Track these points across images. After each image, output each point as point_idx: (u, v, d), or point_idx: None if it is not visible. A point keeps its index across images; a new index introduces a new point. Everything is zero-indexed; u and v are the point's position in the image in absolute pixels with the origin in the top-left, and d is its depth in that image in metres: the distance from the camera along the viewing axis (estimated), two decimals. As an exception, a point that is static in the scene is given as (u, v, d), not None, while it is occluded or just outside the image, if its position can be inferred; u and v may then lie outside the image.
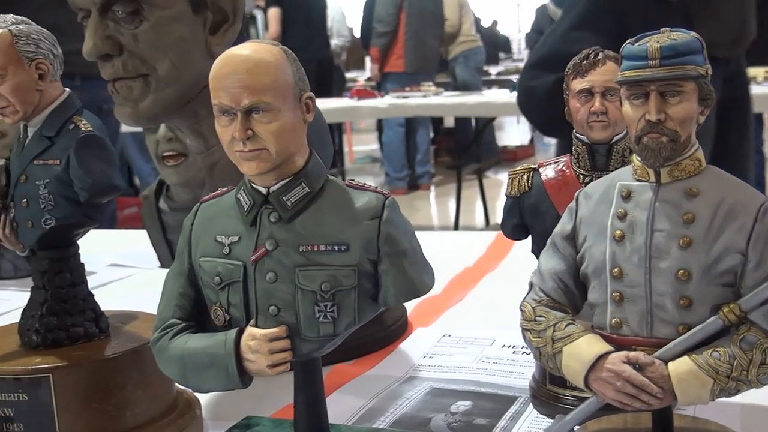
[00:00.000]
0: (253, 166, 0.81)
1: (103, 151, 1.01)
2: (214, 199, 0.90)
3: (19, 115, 1.01)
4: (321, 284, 0.81)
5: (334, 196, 0.84)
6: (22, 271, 1.94)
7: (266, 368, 0.82)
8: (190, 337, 0.86)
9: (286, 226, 0.83)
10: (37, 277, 1.06)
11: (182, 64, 1.20)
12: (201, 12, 1.21)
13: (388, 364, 1.29)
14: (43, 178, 1.01)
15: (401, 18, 7.26)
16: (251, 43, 0.82)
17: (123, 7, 1.16)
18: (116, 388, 1.00)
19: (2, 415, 0.99)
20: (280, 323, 0.83)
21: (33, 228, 1.02)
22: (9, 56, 0.99)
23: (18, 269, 1.94)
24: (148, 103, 1.21)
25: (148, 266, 1.99)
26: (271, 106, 0.80)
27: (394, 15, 7.20)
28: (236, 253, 0.85)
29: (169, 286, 0.89)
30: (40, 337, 1.03)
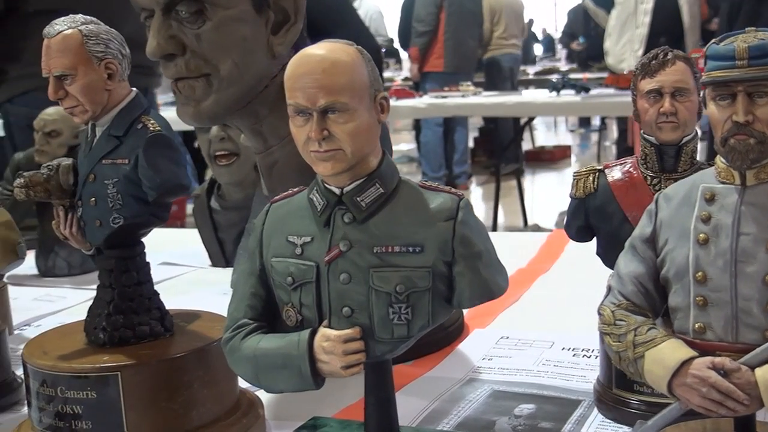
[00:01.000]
0: (328, 166, 0.81)
1: (171, 150, 1.01)
2: (286, 200, 0.90)
3: (88, 114, 1.02)
4: (396, 286, 0.81)
5: (407, 197, 0.84)
6: (75, 269, 1.96)
7: (340, 369, 0.82)
8: (262, 337, 0.86)
9: (360, 227, 0.83)
10: (103, 275, 1.06)
11: (244, 63, 1.20)
12: (263, 12, 1.21)
13: (448, 366, 1.28)
14: (111, 177, 1.01)
15: (441, 18, 7.24)
16: (327, 42, 0.82)
17: (186, 7, 1.16)
18: (183, 387, 1.01)
19: (70, 413, 1.00)
20: (354, 324, 0.82)
21: (101, 227, 1.02)
22: (79, 56, 1.00)
23: (71, 267, 1.96)
24: (210, 103, 1.21)
25: (200, 265, 2.00)
26: (347, 106, 0.79)
27: (434, 15, 7.18)
28: (309, 254, 0.84)
29: (240, 286, 0.89)
30: (107, 335, 1.04)
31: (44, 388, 1.01)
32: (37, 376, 1.02)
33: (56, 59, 0.99)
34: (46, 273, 1.96)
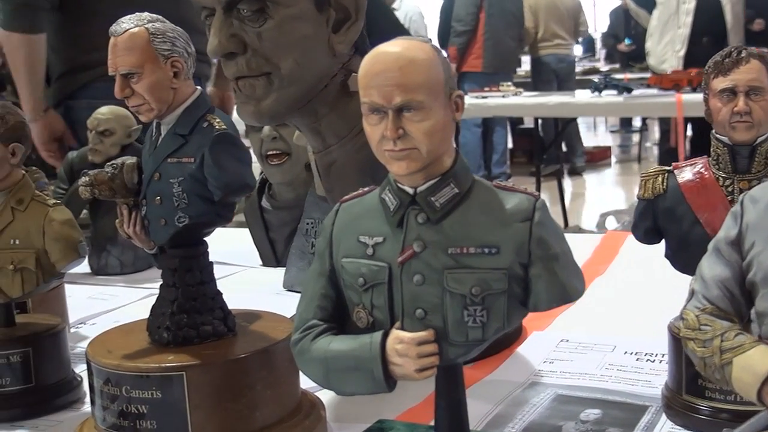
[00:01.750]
0: (403, 165, 0.79)
1: (237, 149, 1.00)
2: (356, 199, 0.88)
3: (154, 113, 1.01)
4: (471, 288, 0.79)
5: (482, 197, 0.82)
6: (127, 267, 1.97)
7: (413, 373, 0.80)
8: (332, 338, 0.85)
9: (435, 228, 0.81)
10: (167, 274, 1.06)
11: (305, 62, 1.19)
12: (324, 10, 1.20)
13: (508, 369, 1.26)
14: (177, 176, 1.01)
15: (480, 18, 7.21)
16: (402, 40, 0.80)
17: (248, 5, 1.16)
18: (247, 387, 1.00)
19: (135, 412, 0.99)
20: (427, 327, 0.81)
21: (166, 226, 1.02)
22: (146, 54, 0.99)
23: (124, 265, 1.96)
24: (271, 102, 1.20)
25: (251, 264, 2.00)
26: (423, 104, 0.78)
27: (473, 14, 7.16)
28: (381, 255, 0.83)
29: (310, 286, 0.88)
30: (171, 334, 1.03)
31: (108, 387, 1.01)
32: (102, 375, 1.01)
33: (123, 57, 0.99)
34: (99, 271, 1.97)
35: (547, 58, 8.05)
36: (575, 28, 8.31)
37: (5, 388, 1.19)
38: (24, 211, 1.19)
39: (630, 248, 1.95)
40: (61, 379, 1.23)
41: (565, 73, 8.07)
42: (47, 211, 1.19)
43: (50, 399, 1.21)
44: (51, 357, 1.22)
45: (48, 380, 1.21)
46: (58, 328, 1.24)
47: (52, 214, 1.19)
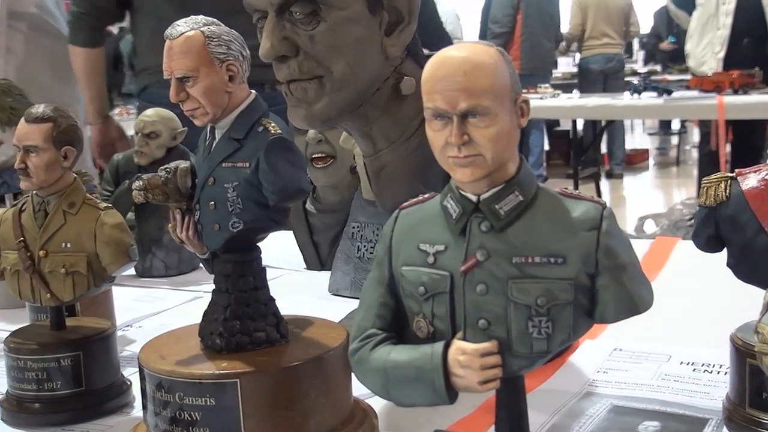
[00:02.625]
0: (467, 172, 0.78)
1: (292, 154, 0.99)
2: (416, 206, 0.87)
3: (209, 117, 1.01)
4: (536, 298, 0.77)
5: (547, 205, 0.80)
6: (172, 270, 1.97)
7: (476, 384, 0.78)
8: (392, 348, 0.83)
9: (498, 236, 0.79)
10: (219, 280, 1.05)
11: (358, 65, 1.18)
12: (377, 13, 1.18)
13: (561, 378, 1.24)
14: (231, 181, 1.00)
15: (518, 19, 7.17)
16: (467, 43, 0.78)
17: (301, 8, 1.15)
18: (301, 395, 0.99)
19: (188, 419, 0.98)
20: (490, 337, 0.79)
21: (220, 231, 1.01)
22: (201, 58, 0.98)
23: (168, 268, 1.97)
24: (323, 105, 1.19)
25: (294, 268, 1.99)
26: (489, 110, 0.76)
27: (510, 16, 7.13)
28: (442, 263, 0.81)
29: (368, 294, 0.87)
30: (224, 340, 1.02)
31: (161, 393, 1.00)
32: (154, 381, 1.01)
33: (178, 61, 0.98)
34: (144, 273, 1.97)
35: (595, 58, 7.91)
36: (626, 27, 8.18)
37: (56, 391, 1.19)
38: (75, 215, 1.19)
39: (681, 254, 1.92)
40: (110, 383, 1.23)
41: (613, 74, 7.92)
42: (99, 214, 1.19)
43: (100, 403, 1.21)
44: (101, 361, 1.22)
45: (98, 384, 1.21)
46: (108, 332, 1.24)
47: (104, 218, 1.19)
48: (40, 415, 1.19)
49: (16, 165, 1.18)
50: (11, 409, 1.21)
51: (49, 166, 1.17)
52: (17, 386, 1.20)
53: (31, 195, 1.22)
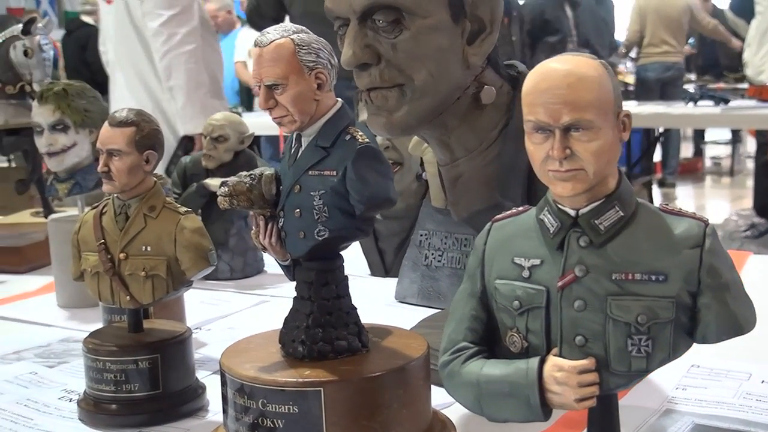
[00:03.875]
0: (568, 187, 0.77)
1: (379, 163, 0.99)
2: (509, 219, 0.86)
3: (297, 124, 1.00)
4: (637, 316, 0.76)
5: (648, 221, 0.79)
6: (237, 273, 1.98)
7: (573, 402, 0.77)
8: (484, 362, 0.82)
9: (597, 252, 0.78)
10: (302, 287, 1.05)
11: (439, 74, 1.17)
12: (460, 21, 1.18)
13: (639, 395, 1.22)
14: (318, 189, 0.99)
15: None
16: (570, 56, 0.78)
17: (384, 16, 1.14)
18: (384, 405, 0.98)
19: (270, 426, 0.98)
20: (587, 354, 0.78)
21: (305, 239, 1.01)
22: (291, 65, 0.98)
23: (233, 271, 1.98)
24: (403, 114, 1.18)
25: (359, 274, 1.99)
26: (593, 123, 0.75)
27: None
28: (538, 278, 0.80)
29: (460, 307, 0.86)
30: (306, 348, 1.02)
31: (243, 399, 1.00)
32: (235, 386, 1.01)
33: (268, 68, 0.98)
34: (209, 276, 1.97)
35: (652, 66, 7.74)
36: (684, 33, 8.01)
37: (133, 393, 1.20)
38: (156, 219, 1.20)
39: (753, 269, 1.88)
40: (186, 386, 1.24)
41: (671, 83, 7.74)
42: (179, 218, 1.20)
43: (176, 406, 1.21)
44: (178, 364, 1.22)
45: (174, 387, 1.22)
46: (185, 335, 1.24)
47: (184, 222, 1.20)
48: (117, 416, 1.20)
49: (99, 168, 1.19)
50: (89, 409, 1.22)
51: (132, 169, 1.18)
52: (95, 387, 1.21)
53: (111, 198, 1.24)
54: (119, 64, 3.77)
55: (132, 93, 3.73)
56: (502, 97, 1.24)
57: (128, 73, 3.74)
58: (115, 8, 3.64)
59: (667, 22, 7.66)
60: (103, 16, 3.85)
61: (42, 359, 1.50)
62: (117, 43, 3.75)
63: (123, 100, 3.69)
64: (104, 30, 3.86)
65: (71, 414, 1.25)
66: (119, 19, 3.66)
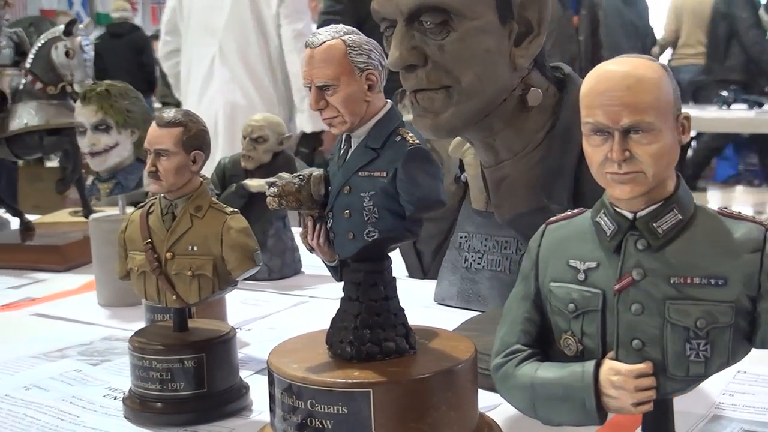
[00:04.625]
0: (626, 189, 0.76)
1: (430, 164, 0.99)
2: (564, 221, 0.85)
3: (347, 125, 1.01)
4: (696, 320, 0.75)
5: (707, 225, 0.78)
6: (275, 273, 1.99)
7: (629, 406, 0.77)
8: (538, 365, 0.82)
9: (655, 255, 0.77)
10: (350, 288, 1.05)
11: (486, 76, 1.17)
12: (507, 23, 1.17)
13: (686, 400, 1.18)
14: (368, 190, 0.99)
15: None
16: (628, 58, 0.77)
17: (432, 18, 1.14)
18: (432, 407, 0.98)
19: (318, 426, 0.98)
20: (644, 359, 0.77)
21: (354, 240, 1.01)
22: (343, 66, 0.99)
23: (271, 271, 1.98)
24: (449, 116, 1.18)
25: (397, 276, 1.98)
26: (653, 126, 0.75)
27: None
28: (594, 281, 0.80)
29: (513, 309, 0.86)
30: (354, 349, 1.02)
31: (291, 399, 1.00)
32: (283, 385, 1.01)
33: (319, 69, 0.99)
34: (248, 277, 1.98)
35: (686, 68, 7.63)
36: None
37: (179, 392, 1.20)
38: (202, 218, 1.21)
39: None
40: (231, 386, 1.24)
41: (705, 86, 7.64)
42: (225, 218, 1.20)
43: (221, 405, 1.22)
44: (222, 363, 1.23)
45: (219, 386, 1.22)
46: (229, 335, 1.25)
47: (230, 222, 1.20)
48: (163, 415, 1.21)
49: (147, 168, 1.20)
50: (134, 407, 1.23)
51: (179, 169, 1.19)
52: (141, 385, 1.22)
53: (158, 198, 1.24)
54: (226, 60, 3.82)
55: (241, 88, 3.82)
56: (548, 99, 1.23)
57: (237, 69, 3.82)
58: (231, 7, 3.74)
59: (703, 24, 7.56)
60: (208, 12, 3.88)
61: (85, 357, 1.51)
62: (229, 40, 3.80)
63: (229, 93, 3.80)
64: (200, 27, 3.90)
65: (117, 412, 1.26)
66: (235, 18, 3.76)
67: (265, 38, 3.80)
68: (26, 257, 2.26)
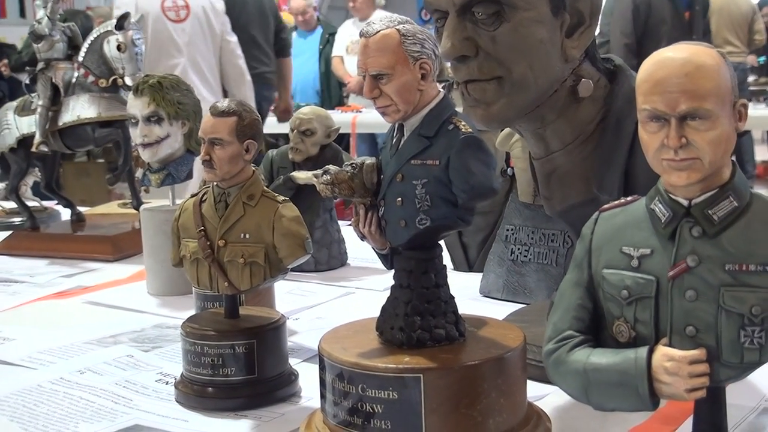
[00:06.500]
0: (683, 176, 0.76)
1: (483, 152, 0.99)
2: (618, 209, 0.86)
3: (401, 114, 1.02)
4: (751, 307, 0.75)
5: (763, 212, 0.78)
6: (322, 265, 2.01)
7: (683, 392, 0.77)
8: (591, 351, 0.82)
9: (711, 242, 0.77)
10: (401, 275, 1.06)
11: (539, 67, 1.17)
12: (560, 14, 1.17)
13: (735, 391, 1.17)
14: (421, 178, 1.00)
15: None
16: (687, 45, 0.77)
17: (484, 8, 1.15)
18: (482, 394, 0.99)
19: (369, 411, 1.00)
20: (698, 345, 0.77)
21: (406, 227, 1.02)
22: (397, 55, 1.00)
23: (318, 263, 2.00)
24: (501, 106, 1.18)
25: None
26: (711, 113, 0.75)
27: (608, 25, 6.89)
28: (647, 267, 0.80)
29: (566, 296, 0.86)
30: (405, 336, 1.03)
31: (342, 384, 1.02)
32: (335, 371, 1.03)
33: (374, 58, 1.00)
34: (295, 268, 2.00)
35: None
36: (749, 35, 7.84)
37: (230, 377, 1.23)
38: (254, 207, 1.23)
39: None
40: (281, 372, 1.26)
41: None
42: (277, 207, 1.22)
43: (271, 391, 1.24)
44: (273, 349, 1.25)
45: (270, 372, 1.24)
46: (280, 322, 1.27)
47: (282, 211, 1.22)
48: (214, 400, 1.23)
49: (201, 157, 1.22)
50: (186, 392, 1.25)
51: (233, 158, 1.21)
52: (193, 370, 1.25)
53: (212, 186, 1.26)
54: (195, 69, 4.38)
55: (210, 92, 4.36)
56: (599, 90, 1.23)
57: (203, 76, 4.40)
58: (191, 24, 4.34)
59: (730, 22, 7.47)
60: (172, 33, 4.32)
61: (137, 343, 1.54)
62: (195, 52, 4.38)
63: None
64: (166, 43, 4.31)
65: (168, 396, 1.28)
66: (197, 32, 4.38)
67: (216, 48, 4.49)
68: (78, 247, 2.31)
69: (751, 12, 7.81)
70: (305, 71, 6.98)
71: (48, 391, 1.30)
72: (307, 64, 6.99)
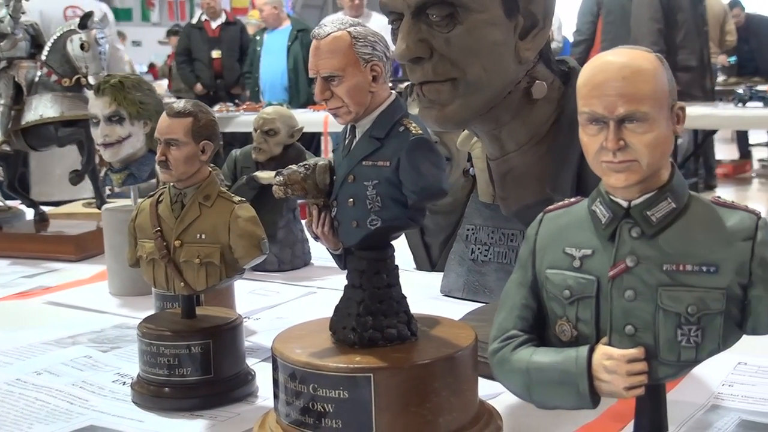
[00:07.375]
0: (621, 178, 0.78)
1: (433, 154, 1.00)
2: (561, 210, 0.87)
3: (352, 116, 1.02)
4: (687, 306, 0.77)
5: (700, 213, 0.80)
6: (285, 265, 2.01)
7: (622, 390, 0.78)
8: (534, 350, 0.84)
9: (649, 243, 0.79)
10: (353, 276, 1.07)
11: (492, 68, 1.18)
12: (513, 16, 1.19)
13: (686, 389, 1.22)
14: (371, 179, 1.01)
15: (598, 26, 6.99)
16: (625, 49, 0.79)
17: (438, 11, 1.16)
18: (433, 393, 1.00)
19: (320, 410, 1.00)
20: (637, 344, 0.79)
21: (357, 228, 1.03)
22: (348, 57, 1.00)
23: (281, 263, 2.00)
24: (455, 107, 1.20)
25: (404, 268, 1.99)
26: (648, 116, 0.76)
27: (589, 23, 6.92)
28: (589, 267, 0.82)
29: (511, 295, 0.87)
30: (357, 335, 1.04)
31: (294, 384, 1.02)
32: (287, 371, 1.03)
33: (325, 60, 1.01)
34: (258, 267, 2.01)
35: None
36: (721, 36, 7.92)
37: (186, 377, 1.23)
38: (211, 207, 1.23)
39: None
40: (237, 372, 1.26)
41: None
42: (233, 207, 1.22)
43: (228, 391, 1.24)
44: (229, 350, 1.25)
45: (226, 372, 1.25)
46: (236, 322, 1.27)
47: (238, 211, 1.22)
48: (170, 400, 1.23)
49: (157, 157, 1.22)
50: (142, 392, 1.25)
51: (188, 159, 1.21)
52: (149, 370, 1.25)
53: (168, 187, 1.27)
54: None
55: None
56: (554, 92, 1.25)
57: None
58: None
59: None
60: None
61: (96, 344, 1.54)
62: None
63: None
64: None
65: (125, 397, 1.28)
66: None
67: None
68: (41, 247, 2.30)
69: (723, 13, 7.90)
70: (274, 68, 6.97)
71: (3, 393, 1.30)
72: (275, 62, 6.98)
